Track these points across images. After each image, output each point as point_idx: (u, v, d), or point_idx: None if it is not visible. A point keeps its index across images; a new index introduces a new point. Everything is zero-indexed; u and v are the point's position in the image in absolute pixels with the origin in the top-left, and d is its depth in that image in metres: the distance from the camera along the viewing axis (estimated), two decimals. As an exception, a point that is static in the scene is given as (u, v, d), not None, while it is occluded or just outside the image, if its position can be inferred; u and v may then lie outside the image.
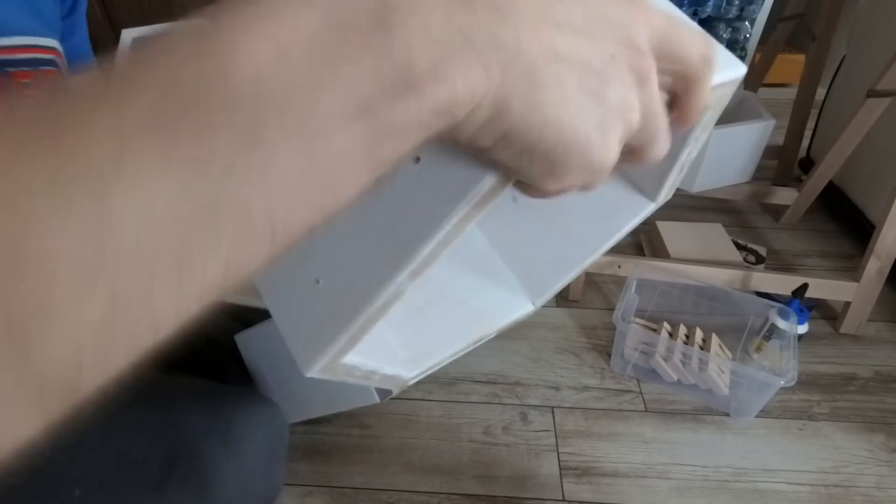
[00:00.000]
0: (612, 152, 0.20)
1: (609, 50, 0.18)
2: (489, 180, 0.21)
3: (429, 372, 0.37)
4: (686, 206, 1.38)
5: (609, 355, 0.98)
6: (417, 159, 0.23)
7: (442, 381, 0.93)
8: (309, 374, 0.30)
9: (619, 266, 1.01)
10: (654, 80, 0.20)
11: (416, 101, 0.15)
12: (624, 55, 0.19)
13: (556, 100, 0.17)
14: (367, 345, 0.30)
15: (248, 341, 0.61)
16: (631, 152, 0.22)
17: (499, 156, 0.19)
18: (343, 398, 0.62)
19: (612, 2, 0.19)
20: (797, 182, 1.39)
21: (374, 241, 0.26)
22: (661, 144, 0.22)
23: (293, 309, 0.31)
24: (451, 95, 0.16)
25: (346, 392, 0.61)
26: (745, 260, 1.20)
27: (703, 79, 0.21)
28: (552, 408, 0.90)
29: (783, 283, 1.01)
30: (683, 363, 0.90)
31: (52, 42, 0.53)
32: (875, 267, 0.98)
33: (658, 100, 0.21)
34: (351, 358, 0.30)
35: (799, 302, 0.95)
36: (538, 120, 0.18)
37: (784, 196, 1.33)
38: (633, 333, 0.92)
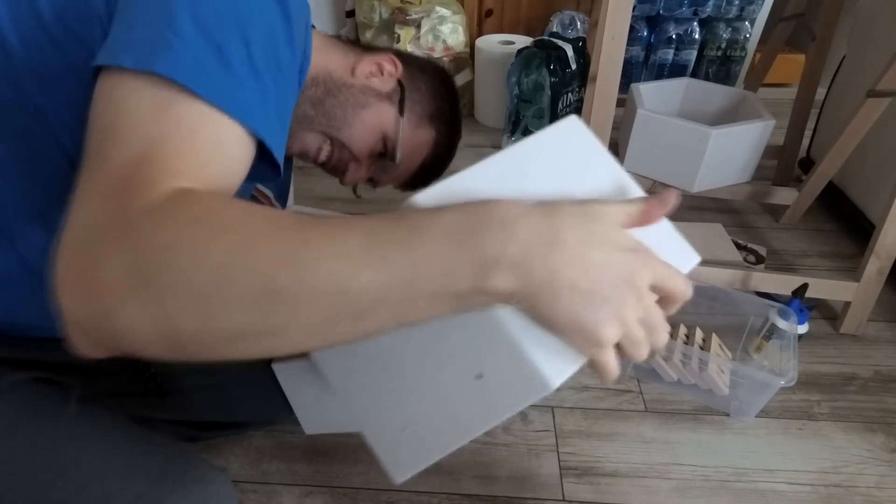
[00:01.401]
0: (603, 347, 0.33)
1: (613, 284, 0.32)
2: (530, 400, 0.37)
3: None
4: (686, 206, 1.38)
5: (609, 355, 0.98)
6: (479, 377, 0.38)
7: (442, 381, 0.93)
8: (398, 483, 0.48)
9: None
10: (646, 300, 0.33)
11: (482, 280, 0.30)
12: (625, 288, 0.32)
13: (566, 304, 0.31)
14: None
15: (286, 370, 0.68)
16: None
17: (548, 326, 0.33)
18: None
19: (626, 253, 0.33)
20: (797, 182, 1.39)
21: (449, 416, 0.42)
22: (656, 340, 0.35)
23: (383, 440, 0.48)
24: (494, 287, 0.30)
25: None
26: (745, 260, 1.20)
27: (681, 302, 0.37)
28: (552, 408, 0.90)
29: (783, 283, 1.01)
30: (683, 363, 0.90)
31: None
32: (875, 267, 0.98)
33: (654, 311, 0.34)
34: None
35: (799, 302, 0.95)
36: (554, 312, 0.31)
37: (784, 196, 1.33)
38: (633, 333, 0.92)
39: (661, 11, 1.90)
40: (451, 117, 0.73)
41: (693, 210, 1.39)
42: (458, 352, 0.38)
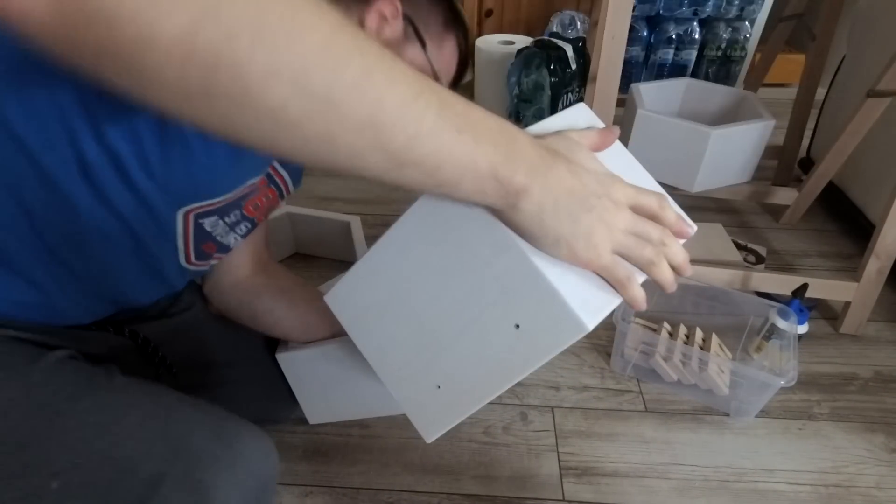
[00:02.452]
0: (599, 252, 0.39)
1: (596, 196, 0.39)
2: (561, 347, 0.40)
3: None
4: (686, 206, 1.36)
5: (609, 355, 0.98)
6: (517, 326, 0.41)
7: (442, 381, 0.93)
8: (429, 441, 0.52)
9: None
10: (625, 211, 0.40)
11: (509, 171, 0.36)
12: (605, 200, 0.39)
13: (564, 211, 0.38)
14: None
15: (291, 360, 0.70)
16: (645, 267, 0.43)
17: (541, 243, 0.39)
18: (371, 409, 0.71)
19: (600, 175, 0.40)
20: (797, 182, 1.39)
21: (486, 367, 0.45)
22: (656, 264, 0.43)
23: (417, 401, 0.51)
24: (514, 180, 0.36)
25: (376, 403, 0.70)
26: (745, 260, 1.20)
27: (659, 213, 0.43)
28: (552, 408, 0.90)
29: (783, 283, 1.01)
30: (683, 363, 0.90)
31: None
32: (875, 267, 0.98)
33: (638, 221, 0.41)
34: None
35: (799, 302, 0.95)
36: (556, 220, 0.38)
37: (784, 196, 1.33)
38: (633, 333, 0.92)
39: (661, 11, 1.89)
40: (453, 7, 0.70)
41: (693, 210, 1.38)
42: (495, 303, 0.41)
